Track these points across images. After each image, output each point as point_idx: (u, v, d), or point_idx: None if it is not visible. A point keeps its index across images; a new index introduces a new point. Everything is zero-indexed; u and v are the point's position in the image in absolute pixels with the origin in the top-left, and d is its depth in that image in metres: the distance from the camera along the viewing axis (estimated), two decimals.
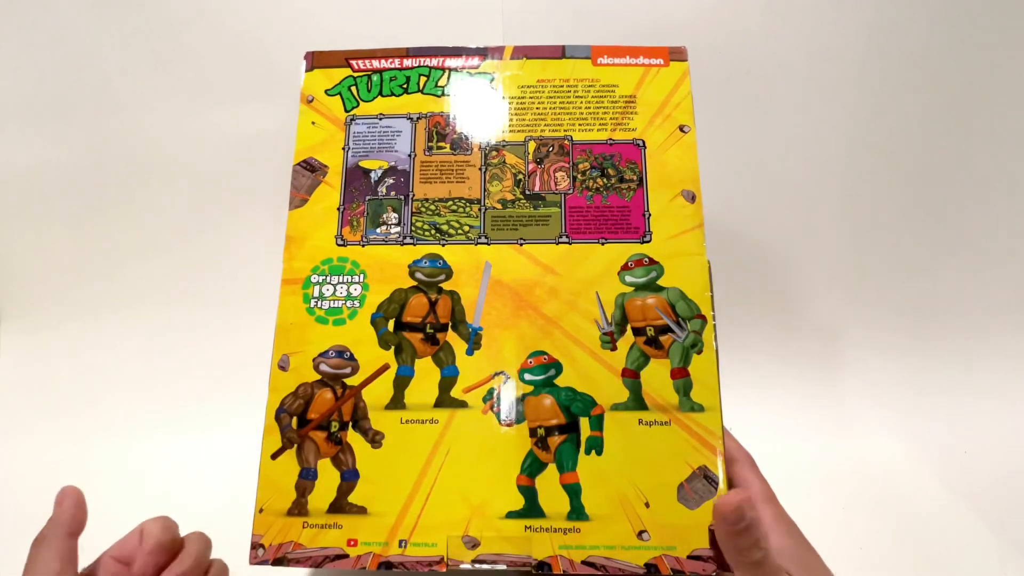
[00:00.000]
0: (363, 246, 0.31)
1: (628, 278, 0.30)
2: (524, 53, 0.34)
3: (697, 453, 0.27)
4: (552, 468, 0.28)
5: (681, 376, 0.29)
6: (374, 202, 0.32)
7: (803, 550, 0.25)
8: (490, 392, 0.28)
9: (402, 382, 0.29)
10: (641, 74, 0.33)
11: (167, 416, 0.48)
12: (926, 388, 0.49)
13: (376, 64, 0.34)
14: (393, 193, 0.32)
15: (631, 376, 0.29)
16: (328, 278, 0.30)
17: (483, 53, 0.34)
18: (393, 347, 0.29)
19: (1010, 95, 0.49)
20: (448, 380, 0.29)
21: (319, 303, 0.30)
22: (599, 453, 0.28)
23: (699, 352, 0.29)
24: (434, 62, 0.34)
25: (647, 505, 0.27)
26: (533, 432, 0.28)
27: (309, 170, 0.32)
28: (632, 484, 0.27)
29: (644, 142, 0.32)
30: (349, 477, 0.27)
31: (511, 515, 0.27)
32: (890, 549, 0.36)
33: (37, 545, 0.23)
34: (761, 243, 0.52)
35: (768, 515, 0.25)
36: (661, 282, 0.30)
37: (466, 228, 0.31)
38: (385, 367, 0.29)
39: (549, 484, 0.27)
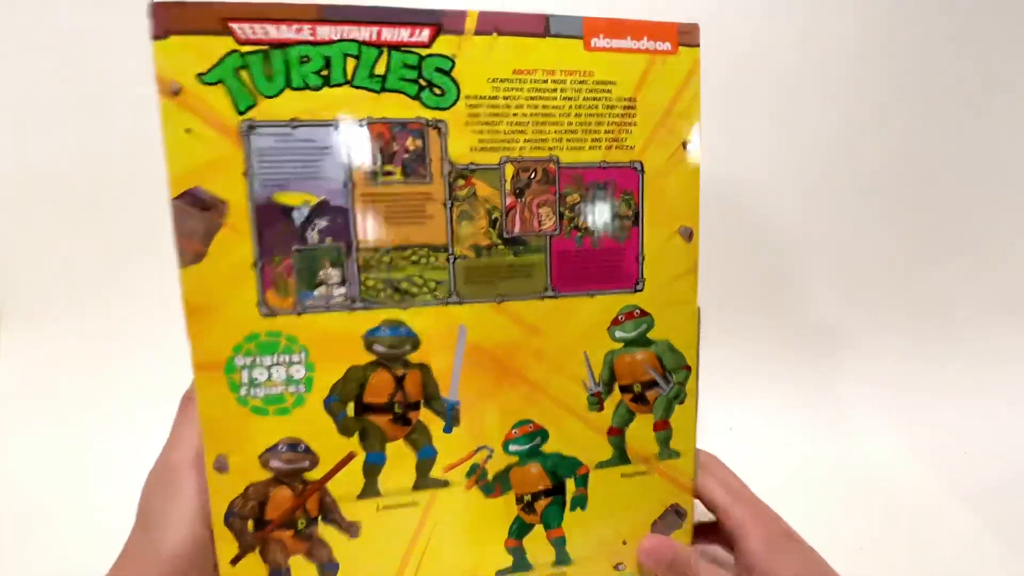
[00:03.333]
0: (298, 315, 0.23)
1: (618, 333, 0.26)
2: (494, 25, 0.23)
3: (671, 494, 0.28)
4: (539, 527, 0.27)
5: (663, 428, 0.27)
6: (305, 254, 0.23)
7: (779, 550, 0.24)
8: (473, 467, 0.25)
9: (373, 469, 0.25)
10: (644, 65, 0.25)
11: (168, 415, 0.44)
12: (926, 388, 0.47)
13: (274, 33, 0.21)
14: (329, 240, 0.23)
15: (616, 433, 0.27)
16: (258, 359, 0.23)
17: (435, 21, 0.23)
18: (357, 433, 0.24)
19: (1012, 94, 0.47)
20: (426, 462, 0.25)
21: (252, 391, 0.23)
22: (583, 508, 0.27)
23: (681, 403, 0.27)
24: (364, 33, 0.22)
25: (624, 543, 0.28)
26: (520, 499, 0.26)
27: (198, 207, 0.22)
28: (613, 528, 0.28)
29: (643, 165, 0.25)
30: (329, 569, 0.24)
31: (500, 573, 0.26)
32: (889, 550, 0.34)
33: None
34: (761, 243, 0.49)
35: (744, 517, 0.25)
36: (651, 335, 0.27)
37: (432, 285, 0.24)
38: (351, 456, 0.24)
39: (536, 540, 0.27)
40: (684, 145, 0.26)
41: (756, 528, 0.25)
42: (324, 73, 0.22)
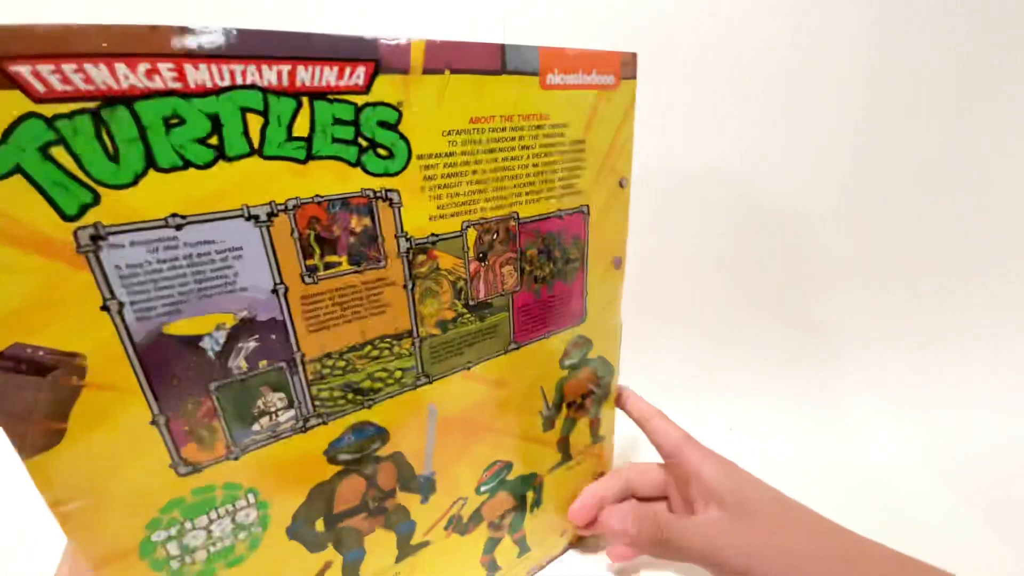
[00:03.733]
0: (236, 459, 0.18)
1: (567, 362, 0.29)
2: (445, 61, 0.19)
3: (598, 468, 0.34)
4: (506, 537, 0.30)
5: (596, 424, 0.32)
6: (232, 389, 0.18)
7: (735, 475, 0.26)
8: (451, 519, 0.27)
9: (353, 565, 0.23)
10: (592, 103, 0.24)
11: None
12: (927, 389, 0.47)
13: (104, 79, 0.13)
14: (265, 363, 0.18)
15: (564, 441, 0.31)
16: (188, 524, 0.18)
17: (372, 56, 0.17)
18: (331, 543, 0.22)
19: (1015, 94, 0.45)
20: (406, 535, 0.25)
21: (188, 557, 0.18)
22: (539, 507, 0.31)
23: (606, 398, 0.32)
24: (271, 75, 0.16)
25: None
26: (491, 523, 0.29)
27: (29, 372, 0.14)
28: (560, 508, 0.33)
29: (588, 208, 0.26)
30: None
31: None
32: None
33: None
34: (763, 242, 0.48)
35: (695, 454, 0.27)
36: (589, 355, 0.30)
37: (398, 375, 0.22)
38: (327, 566, 0.23)
39: (503, 547, 0.30)
40: (620, 183, 0.26)
41: (709, 462, 0.27)
42: (213, 141, 0.15)
